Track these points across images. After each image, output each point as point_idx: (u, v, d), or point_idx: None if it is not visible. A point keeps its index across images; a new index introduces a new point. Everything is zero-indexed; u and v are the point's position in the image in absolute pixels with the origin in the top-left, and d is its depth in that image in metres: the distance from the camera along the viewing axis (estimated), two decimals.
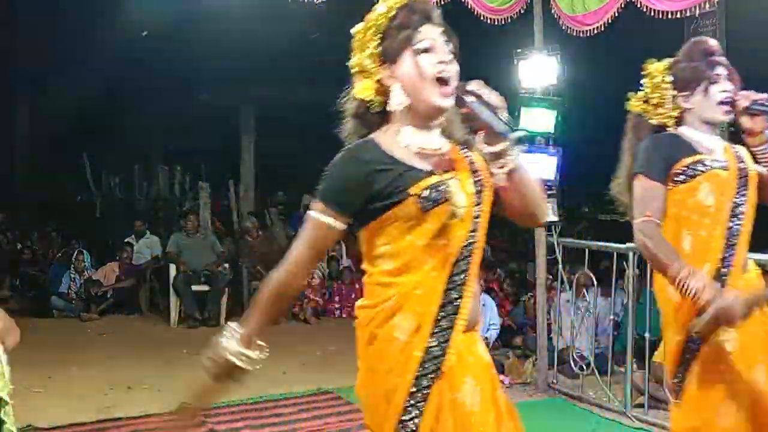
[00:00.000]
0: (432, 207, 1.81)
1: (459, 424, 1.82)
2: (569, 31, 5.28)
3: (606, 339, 5.65)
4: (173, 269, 7.86)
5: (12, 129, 12.08)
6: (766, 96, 2.52)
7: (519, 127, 1.81)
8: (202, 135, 12.79)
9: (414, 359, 1.82)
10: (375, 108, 1.93)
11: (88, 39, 9.99)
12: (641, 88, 2.77)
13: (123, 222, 9.92)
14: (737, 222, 2.46)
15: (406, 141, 1.88)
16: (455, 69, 1.87)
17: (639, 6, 4.81)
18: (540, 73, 5.27)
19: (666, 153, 2.50)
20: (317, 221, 1.87)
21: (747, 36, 5.71)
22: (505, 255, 9.24)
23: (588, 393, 5.22)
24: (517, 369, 5.75)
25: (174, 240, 8.16)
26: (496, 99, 1.85)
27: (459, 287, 1.86)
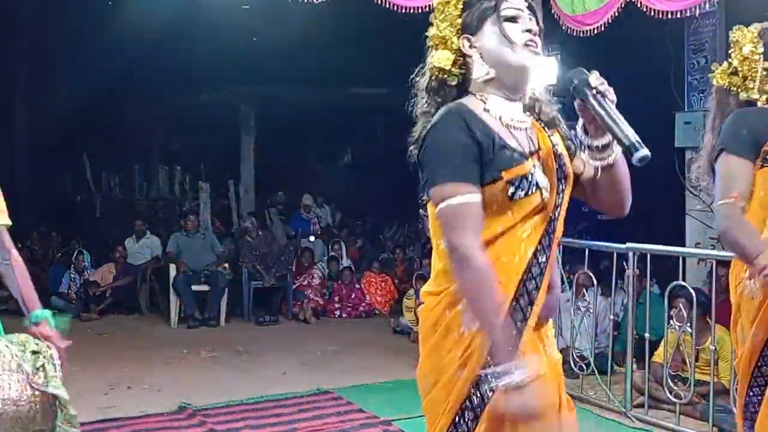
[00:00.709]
0: (520, 197, 1.73)
1: (522, 424, 1.74)
2: (569, 31, 5.29)
3: (606, 339, 5.65)
4: (173, 269, 7.85)
5: (11, 129, 12.07)
6: None
7: (642, 145, 1.70)
8: (202, 135, 12.79)
9: (479, 350, 1.72)
10: (451, 81, 1.83)
11: (88, 38, 10.00)
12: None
13: (123, 222, 9.91)
14: None
15: (496, 112, 1.78)
16: (540, 43, 1.81)
17: (639, 6, 4.81)
18: (540, 73, 5.27)
19: (755, 128, 2.26)
20: (468, 204, 1.69)
21: None
22: None
23: (588, 393, 5.22)
24: None
25: (174, 240, 8.16)
26: (613, 96, 1.75)
27: (536, 278, 1.77)
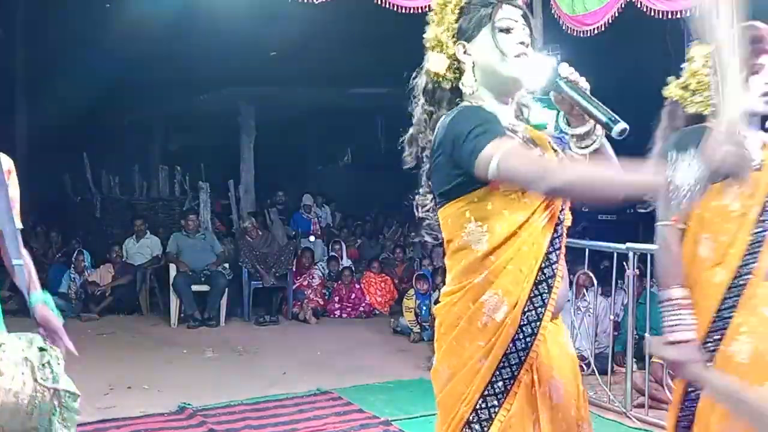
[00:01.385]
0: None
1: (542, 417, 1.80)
2: (569, 31, 5.29)
3: (606, 339, 5.65)
4: (173, 269, 7.85)
5: (11, 129, 12.07)
6: None
7: (619, 119, 1.79)
8: (202, 135, 12.78)
9: (500, 344, 1.78)
10: (445, 84, 1.88)
11: (87, 39, 10.00)
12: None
13: (123, 222, 9.91)
14: (764, 227, 2.18)
15: (495, 113, 1.83)
16: (533, 53, 1.87)
17: (639, 6, 4.81)
18: (541, 73, 5.27)
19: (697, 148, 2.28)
20: (521, 146, 1.77)
21: None
22: None
23: (588, 393, 5.21)
24: None
25: (174, 240, 8.16)
26: (586, 84, 1.86)
27: (552, 265, 1.81)
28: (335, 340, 6.89)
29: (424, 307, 7.09)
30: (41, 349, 2.08)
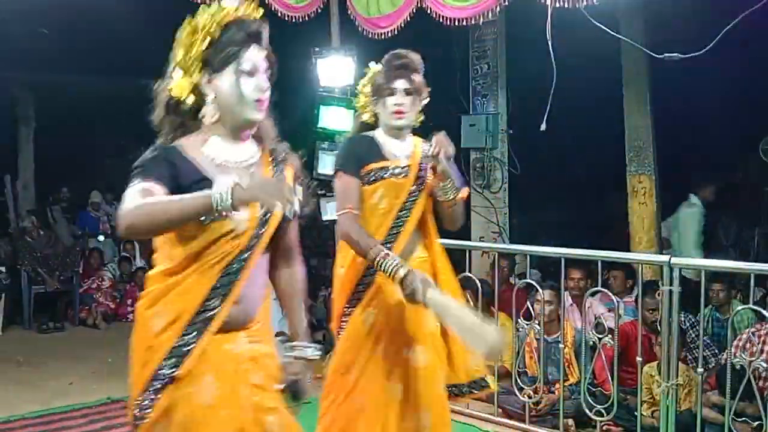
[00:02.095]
0: (209, 222, 1.90)
1: (189, 418, 1.92)
2: (365, 33, 5.43)
3: None
4: None
5: None
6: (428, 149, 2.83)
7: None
8: None
9: (160, 351, 1.94)
10: (185, 105, 1.99)
11: None
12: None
13: None
14: (402, 220, 2.85)
15: (211, 153, 1.98)
16: (269, 93, 2.00)
17: (429, 12, 5.05)
18: (337, 73, 5.37)
19: (361, 153, 2.84)
20: (147, 189, 1.87)
21: (524, 43, 6.22)
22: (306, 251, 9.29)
23: None
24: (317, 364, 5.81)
25: None
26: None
27: (221, 296, 1.95)
28: (127, 345, 6.56)
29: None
30: None
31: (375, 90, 2.90)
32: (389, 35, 5.30)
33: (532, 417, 4.62)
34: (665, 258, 4.05)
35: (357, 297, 2.87)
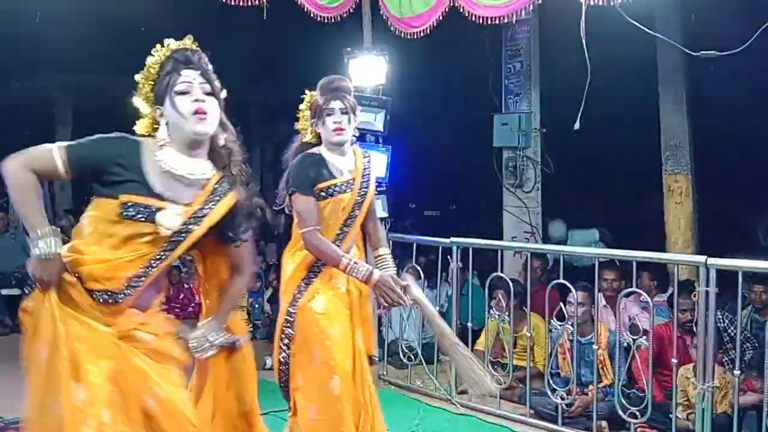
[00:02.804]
0: (130, 216, 2.19)
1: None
2: (397, 33, 5.43)
3: (432, 329, 5.86)
4: None
5: None
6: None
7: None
8: (11, 126, 11.78)
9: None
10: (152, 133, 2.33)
11: None
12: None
13: None
14: (346, 228, 3.21)
15: (163, 158, 2.25)
16: (212, 103, 2.28)
17: (462, 11, 5.03)
18: (369, 73, 5.37)
19: (311, 175, 3.16)
20: (49, 150, 2.24)
21: (557, 41, 6.17)
22: None
23: (416, 382, 5.41)
24: None
25: None
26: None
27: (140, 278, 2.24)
28: None
29: (256, 306, 7.01)
30: None
31: (315, 112, 3.22)
32: (422, 35, 5.30)
33: (564, 419, 4.58)
34: (702, 258, 3.99)
35: (302, 290, 3.20)
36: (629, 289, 4.48)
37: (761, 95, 6.80)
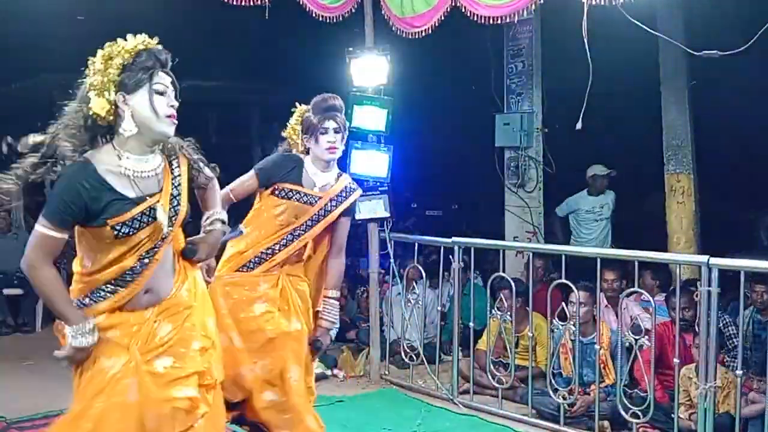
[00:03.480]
0: (125, 234, 2.26)
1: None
2: (399, 33, 5.43)
3: (434, 329, 5.87)
4: None
5: None
6: None
7: None
8: (12, 126, 11.78)
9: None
10: (102, 122, 2.28)
11: None
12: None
13: None
14: (292, 239, 3.34)
15: (127, 165, 2.28)
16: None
17: (464, 11, 5.03)
18: (371, 72, 5.37)
19: (280, 171, 3.32)
20: (44, 234, 2.29)
21: (559, 41, 6.16)
22: None
23: (417, 382, 5.41)
24: (351, 363, 5.84)
25: None
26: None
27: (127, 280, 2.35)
28: None
29: None
30: None
31: (307, 128, 3.34)
32: (423, 34, 5.29)
33: (566, 418, 4.58)
34: (704, 258, 3.98)
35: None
36: (631, 289, 4.48)
37: (763, 95, 6.79)
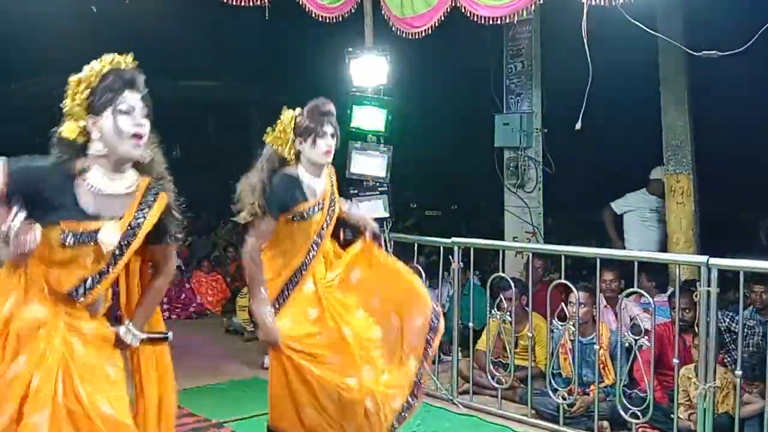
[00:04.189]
0: (71, 244, 2.26)
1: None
2: (398, 33, 5.43)
3: None
4: None
5: None
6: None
7: None
8: (15, 126, 11.81)
9: None
10: (76, 143, 2.33)
11: None
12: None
13: None
14: (316, 247, 3.42)
15: (92, 181, 2.31)
16: (147, 126, 2.34)
17: (463, 11, 5.03)
18: (371, 73, 5.37)
19: (286, 199, 3.33)
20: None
21: (559, 41, 6.17)
22: None
23: None
24: None
25: None
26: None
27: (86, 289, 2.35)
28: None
29: None
30: None
31: (302, 132, 3.34)
32: (423, 35, 5.30)
33: (566, 419, 4.58)
34: (703, 258, 3.98)
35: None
36: (630, 290, 4.48)
37: (763, 95, 6.79)
